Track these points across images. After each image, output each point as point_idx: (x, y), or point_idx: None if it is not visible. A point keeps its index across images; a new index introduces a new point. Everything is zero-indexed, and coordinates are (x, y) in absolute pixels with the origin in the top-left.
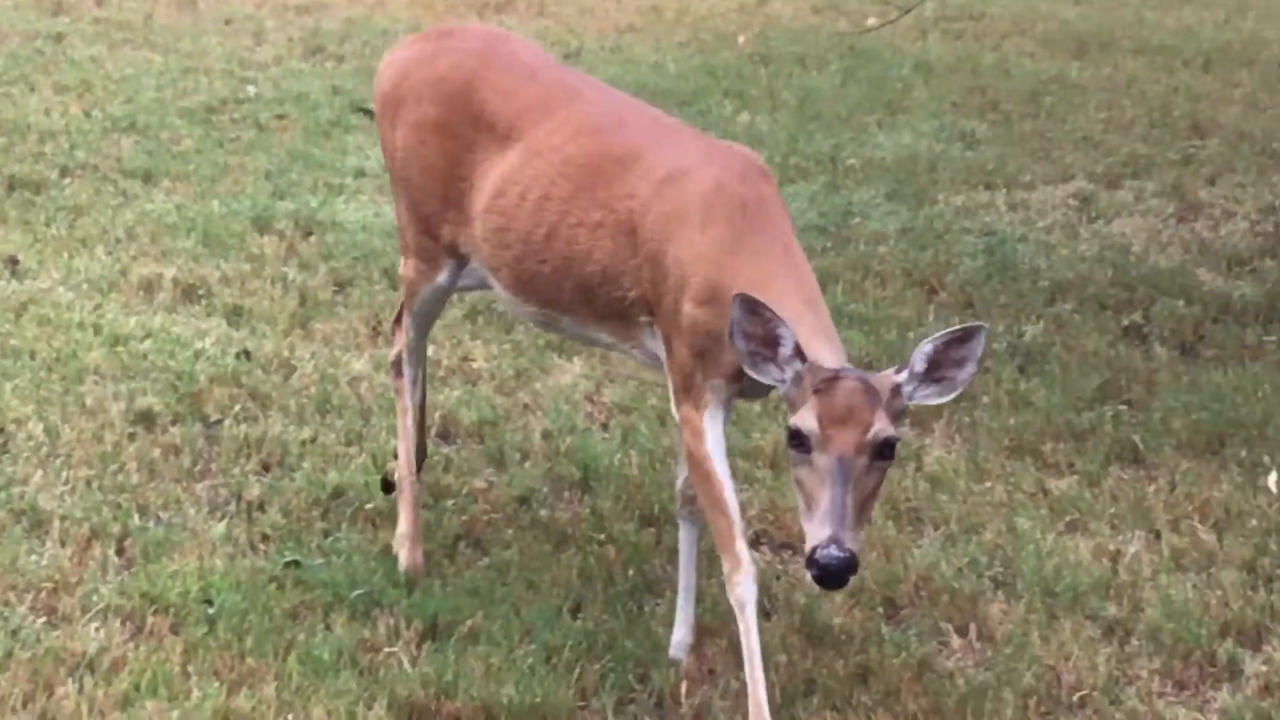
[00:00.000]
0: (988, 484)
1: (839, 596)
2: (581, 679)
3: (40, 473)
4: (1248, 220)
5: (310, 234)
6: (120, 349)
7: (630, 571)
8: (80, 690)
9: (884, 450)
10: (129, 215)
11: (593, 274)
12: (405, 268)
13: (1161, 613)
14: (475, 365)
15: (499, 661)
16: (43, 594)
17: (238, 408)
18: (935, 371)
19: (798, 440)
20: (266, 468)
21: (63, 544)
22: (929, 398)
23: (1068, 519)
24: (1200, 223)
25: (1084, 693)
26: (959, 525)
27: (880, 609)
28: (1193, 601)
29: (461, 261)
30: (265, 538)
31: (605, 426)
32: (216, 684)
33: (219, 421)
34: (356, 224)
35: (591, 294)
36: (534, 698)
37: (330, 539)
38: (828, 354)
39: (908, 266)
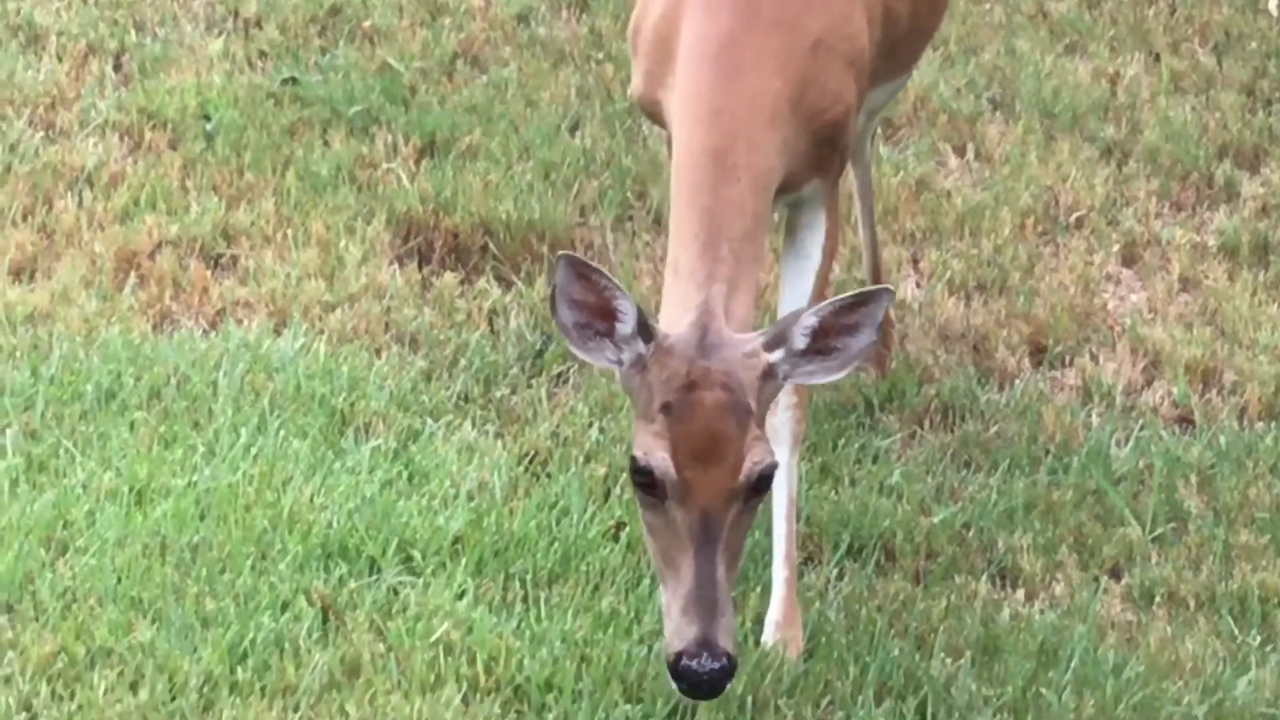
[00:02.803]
0: (986, 5)
1: None
2: (580, 195)
3: None
4: None
5: None
6: None
7: (628, 90)
8: (79, 204)
9: (761, 485)
10: None
11: None
12: None
13: (1160, 134)
14: None
15: (497, 178)
16: (40, 109)
17: None
18: (820, 342)
19: (645, 479)
20: None
21: (59, 59)
22: (813, 375)
23: (1067, 41)
24: None
25: (1081, 213)
26: (957, 46)
27: (878, 129)
28: (1191, 123)
29: None
30: (262, 54)
31: None
32: (215, 199)
33: None
34: None
35: None
36: (532, 214)
37: (328, 56)
38: (693, 290)
39: None
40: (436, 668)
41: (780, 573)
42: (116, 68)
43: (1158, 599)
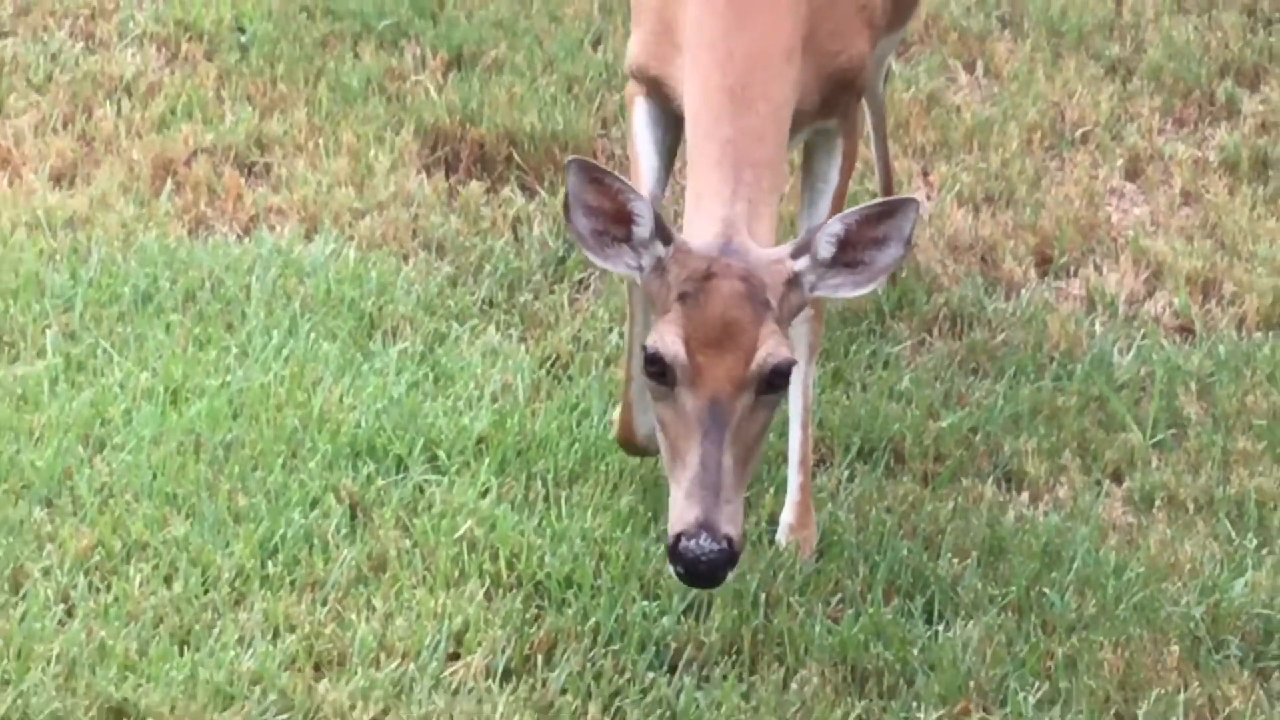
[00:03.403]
0: None
1: None
2: (601, 108)
3: None
4: None
5: None
6: None
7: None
8: (118, 112)
9: (774, 380)
10: None
11: None
12: None
13: (1163, 53)
14: None
15: (522, 90)
16: (80, 20)
17: None
18: (847, 254)
19: (657, 367)
20: None
21: None
22: (840, 288)
23: None
24: None
25: (1087, 128)
26: None
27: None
28: (1194, 42)
29: None
30: None
31: None
32: (249, 108)
33: None
34: None
35: None
36: (555, 125)
37: None
38: (717, 207)
39: None
40: (460, 563)
41: (795, 477)
42: None
43: (1158, 502)
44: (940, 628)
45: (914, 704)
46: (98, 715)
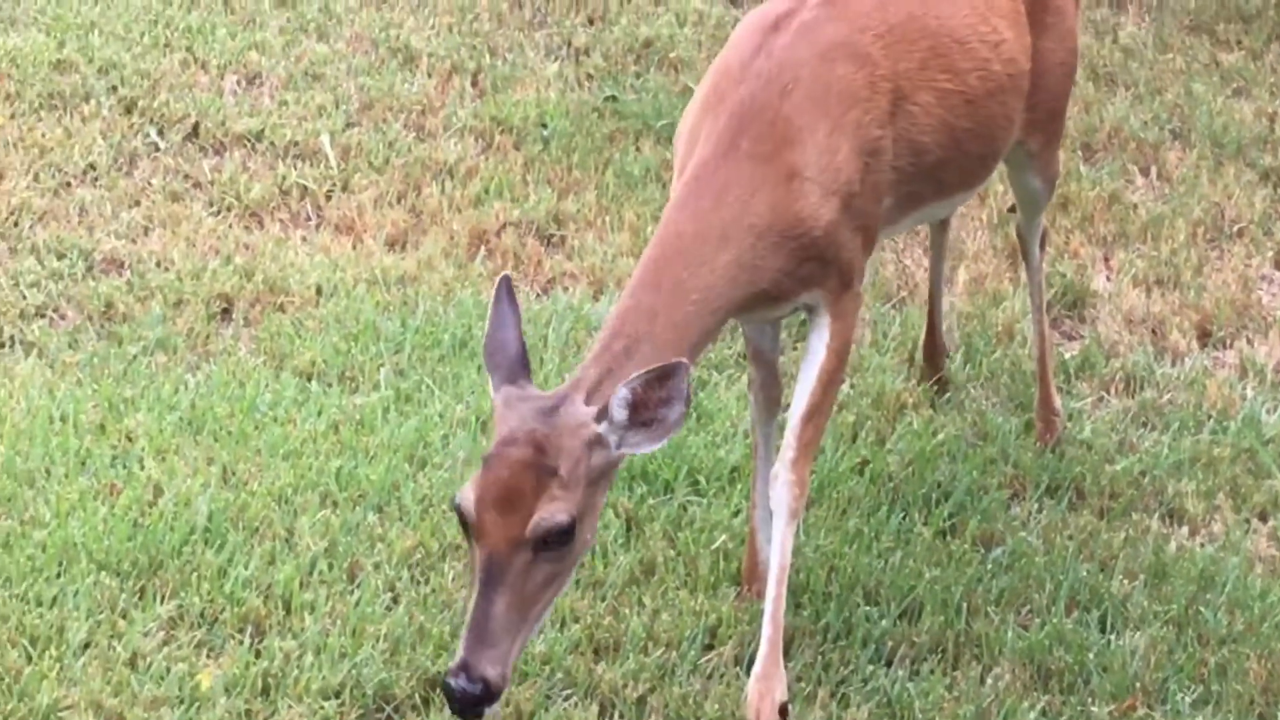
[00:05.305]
0: (1170, 55)
1: None
2: None
3: (411, 18)
4: None
5: None
6: None
7: None
8: (442, 191)
9: (551, 540)
10: None
11: None
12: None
13: None
14: None
15: None
16: (413, 115)
17: None
18: (641, 414)
19: (459, 520)
20: (591, 21)
21: (429, 75)
22: (640, 445)
23: (1234, 85)
24: None
25: (1242, 225)
26: (1145, 87)
27: (1079, 152)
28: None
29: None
30: (589, 76)
31: None
32: (549, 190)
33: None
34: None
35: None
36: None
37: (641, 79)
38: (580, 367)
39: None
40: (716, 570)
41: (764, 630)
42: (474, 84)
43: None
44: (1112, 637)
45: (1089, 699)
46: (417, 685)
